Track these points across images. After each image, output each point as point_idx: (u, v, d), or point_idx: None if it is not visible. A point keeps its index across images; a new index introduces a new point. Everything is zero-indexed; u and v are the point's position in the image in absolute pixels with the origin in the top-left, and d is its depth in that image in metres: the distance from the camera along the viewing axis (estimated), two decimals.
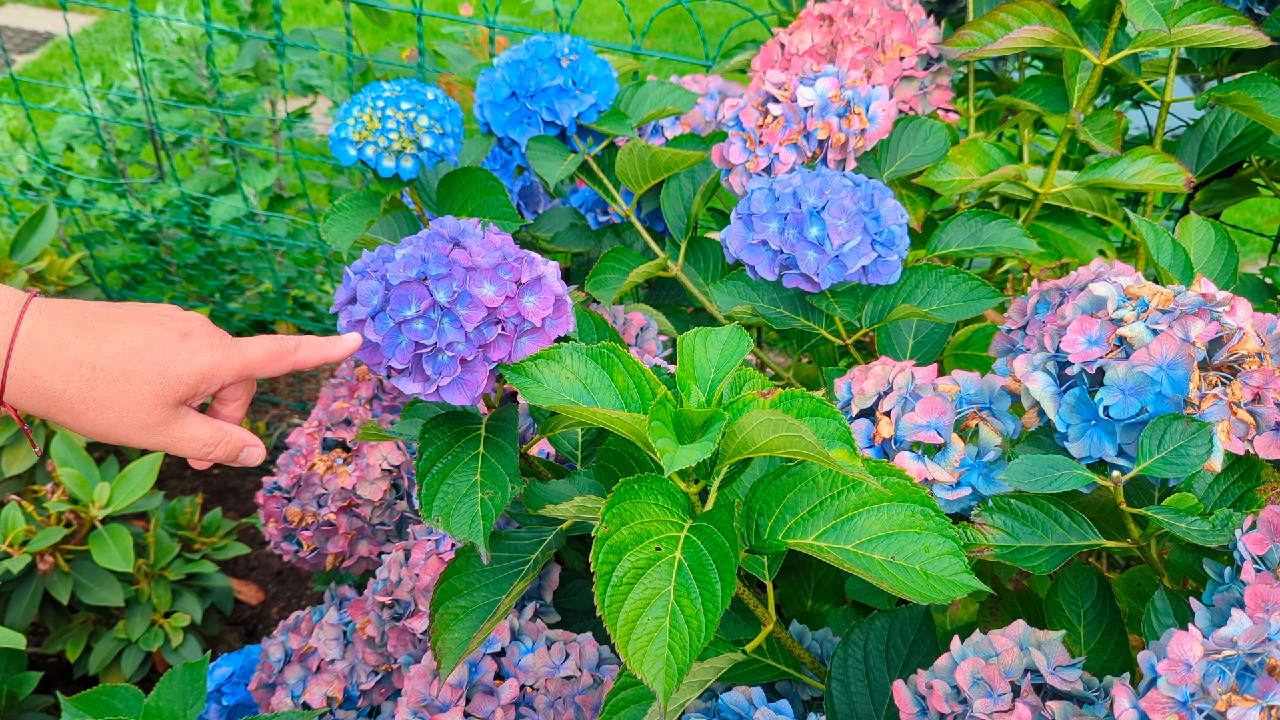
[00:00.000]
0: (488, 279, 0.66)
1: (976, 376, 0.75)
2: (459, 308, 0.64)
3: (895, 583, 0.64)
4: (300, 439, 1.02)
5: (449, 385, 0.65)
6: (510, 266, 0.67)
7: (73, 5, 3.71)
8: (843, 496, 0.67)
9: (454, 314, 0.64)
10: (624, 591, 0.61)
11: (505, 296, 0.66)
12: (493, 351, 0.66)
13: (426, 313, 0.64)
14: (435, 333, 0.64)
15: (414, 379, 0.65)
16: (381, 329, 0.64)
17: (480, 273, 0.66)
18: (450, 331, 0.64)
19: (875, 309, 0.88)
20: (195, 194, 1.71)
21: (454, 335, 0.64)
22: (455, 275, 0.65)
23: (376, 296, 0.65)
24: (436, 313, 0.64)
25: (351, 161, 0.99)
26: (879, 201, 0.83)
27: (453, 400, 0.66)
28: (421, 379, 0.65)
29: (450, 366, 0.65)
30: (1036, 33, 1.01)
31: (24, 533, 1.30)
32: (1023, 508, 0.68)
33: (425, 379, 0.65)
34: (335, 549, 0.99)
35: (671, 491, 0.66)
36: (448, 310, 0.64)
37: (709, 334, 0.69)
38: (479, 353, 0.66)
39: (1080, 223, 1.22)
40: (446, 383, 0.65)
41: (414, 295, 0.64)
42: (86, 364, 0.60)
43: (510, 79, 1.11)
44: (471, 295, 0.65)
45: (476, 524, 0.67)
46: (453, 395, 0.66)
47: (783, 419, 0.59)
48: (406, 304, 0.64)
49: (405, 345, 0.64)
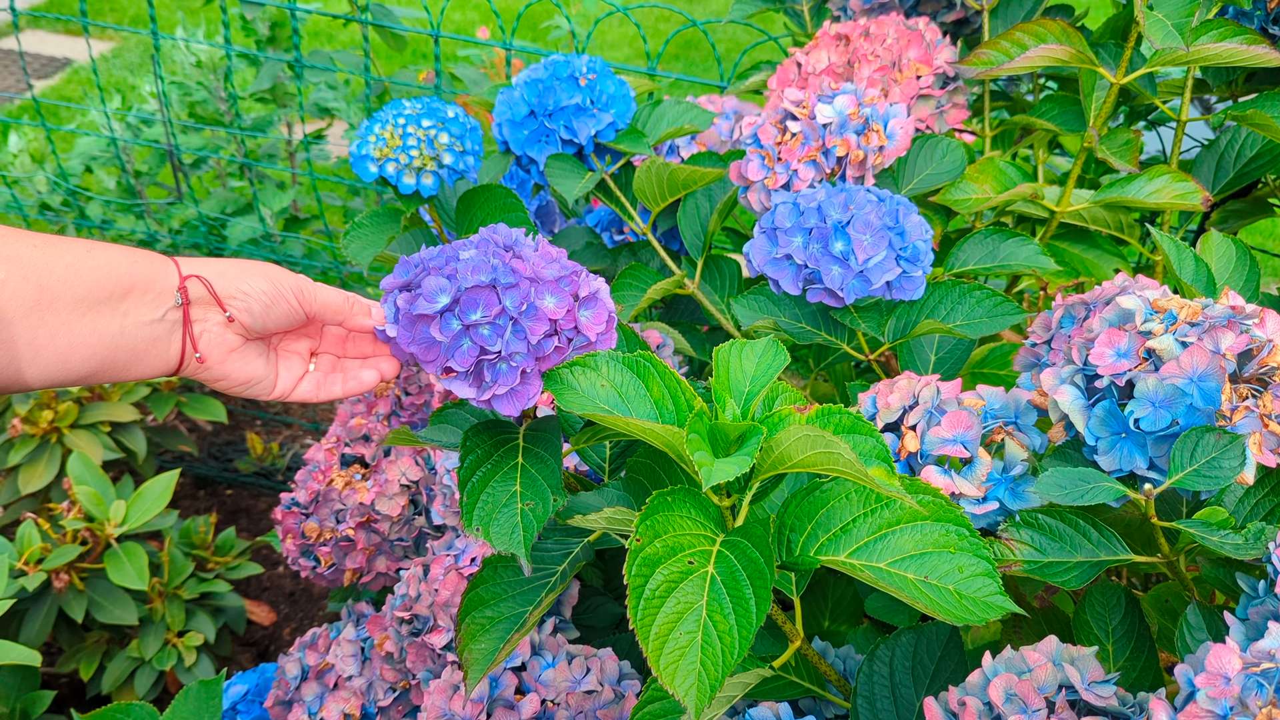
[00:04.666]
0: (550, 291, 0.66)
1: (1001, 391, 0.75)
2: (525, 318, 0.64)
3: (929, 602, 0.63)
4: (319, 455, 1.02)
5: (504, 395, 0.65)
6: (569, 280, 0.67)
7: (93, 31, 3.74)
8: (876, 514, 0.67)
9: (520, 324, 0.64)
10: (656, 605, 0.61)
11: (565, 309, 0.66)
12: (547, 363, 0.66)
13: (495, 319, 0.64)
14: (501, 340, 0.64)
15: (469, 383, 0.65)
16: (447, 329, 0.64)
17: (544, 284, 0.65)
18: (515, 341, 0.64)
19: (898, 324, 0.88)
20: (212, 215, 1.72)
21: (517, 345, 0.64)
22: (522, 285, 0.65)
23: (446, 295, 0.64)
24: (504, 320, 0.64)
25: (372, 178, 1.00)
26: (904, 217, 0.83)
27: (502, 410, 0.66)
28: (477, 384, 0.65)
29: (509, 376, 0.65)
30: (1053, 51, 1.01)
31: (40, 550, 1.30)
32: (1050, 523, 0.68)
33: (480, 385, 0.65)
34: (353, 565, 0.98)
35: (704, 505, 0.66)
36: (515, 320, 0.64)
37: (744, 346, 0.69)
38: (535, 365, 0.66)
39: (1096, 241, 1.23)
40: (502, 391, 0.65)
41: (483, 300, 0.64)
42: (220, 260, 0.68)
43: (529, 97, 1.11)
44: (537, 306, 0.65)
45: (517, 534, 0.67)
46: (503, 405, 0.66)
47: (820, 435, 0.59)
48: (475, 308, 0.64)
49: (468, 349, 0.64)
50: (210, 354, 0.67)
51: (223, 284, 0.67)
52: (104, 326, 0.63)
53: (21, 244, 0.60)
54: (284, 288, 0.69)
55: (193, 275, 0.66)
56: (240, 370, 0.69)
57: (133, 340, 0.64)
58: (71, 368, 0.62)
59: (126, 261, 0.64)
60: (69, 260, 0.62)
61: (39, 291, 0.60)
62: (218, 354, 0.68)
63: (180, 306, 0.65)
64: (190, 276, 0.66)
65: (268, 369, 0.71)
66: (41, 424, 1.44)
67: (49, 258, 0.61)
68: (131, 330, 0.64)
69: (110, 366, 0.64)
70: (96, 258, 0.63)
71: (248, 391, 0.71)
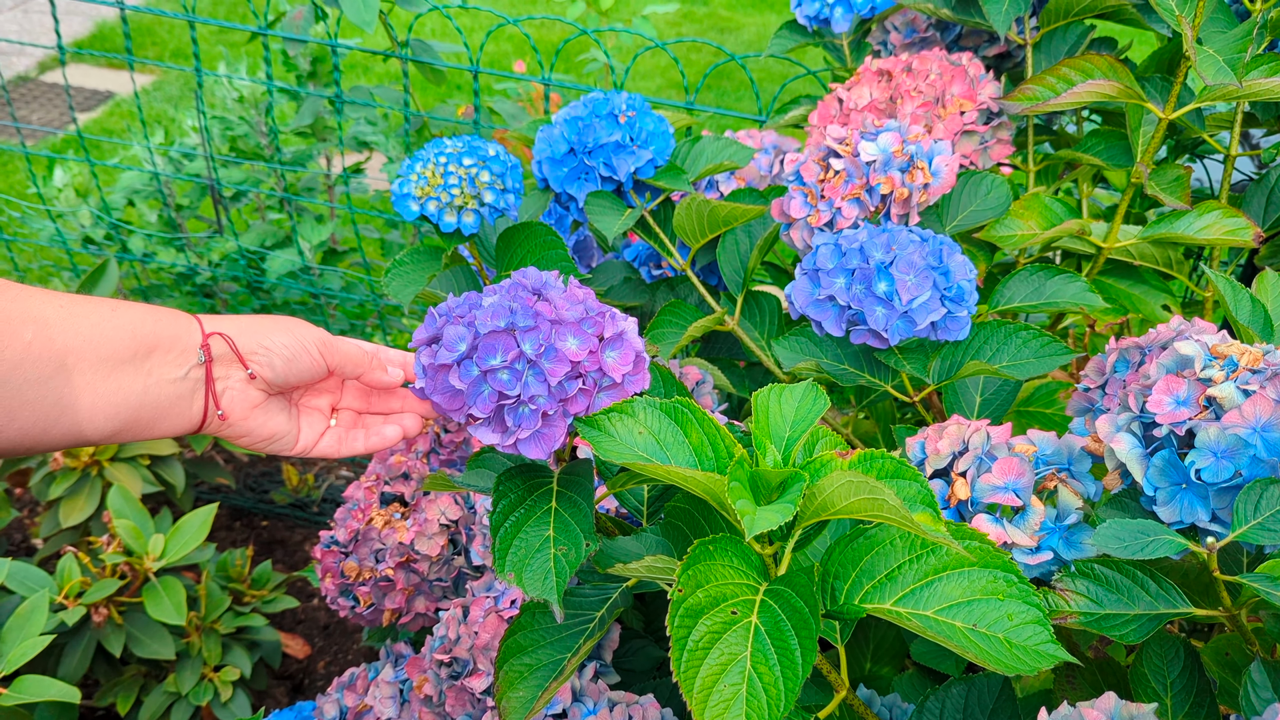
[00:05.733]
0: (572, 333, 0.65)
1: (1053, 436, 0.73)
2: (544, 360, 0.64)
3: (979, 651, 0.62)
4: (358, 493, 1.02)
5: (528, 438, 0.65)
6: (594, 321, 0.66)
7: (135, 65, 3.81)
8: (921, 560, 0.66)
9: (539, 366, 0.64)
10: (700, 656, 0.59)
11: (588, 351, 0.65)
12: (572, 406, 0.66)
13: (512, 363, 0.64)
14: (519, 384, 0.63)
15: (493, 429, 0.65)
16: (466, 376, 0.64)
17: (565, 326, 0.65)
18: (534, 384, 0.64)
19: (943, 365, 0.86)
20: (252, 248, 1.73)
21: (537, 388, 0.64)
22: (541, 327, 0.64)
23: (464, 343, 0.64)
24: (522, 364, 0.64)
25: (414, 217, 1.00)
26: (947, 256, 0.82)
27: (528, 453, 0.65)
28: (501, 429, 0.65)
29: (531, 419, 0.64)
30: (1101, 87, 1.00)
31: (80, 584, 1.31)
32: (1106, 573, 0.66)
33: (504, 430, 0.65)
34: (392, 605, 0.98)
35: (746, 553, 0.65)
36: (533, 362, 0.64)
37: (783, 391, 0.68)
38: (559, 406, 0.65)
39: (1142, 277, 1.21)
40: (526, 435, 0.65)
41: (501, 345, 0.64)
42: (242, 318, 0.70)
43: (569, 135, 1.11)
44: (556, 348, 0.64)
45: (550, 580, 0.66)
46: (529, 448, 0.65)
47: (864, 481, 0.58)
48: (493, 353, 0.64)
49: (488, 395, 0.64)
50: (232, 411, 0.68)
51: (245, 340, 0.67)
52: (128, 386, 0.63)
53: (48, 305, 0.61)
54: (306, 341, 0.70)
55: (215, 333, 0.66)
56: (263, 426, 0.69)
57: (156, 399, 0.65)
58: (96, 427, 0.63)
59: (150, 320, 0.64)
60: (94, 320, 0.62)
61: (64, 352, 0.60)
62: (240, 410, 0.68)
63: (203, 364, 0.66)
64: (213, 334, 0.66)
65: (290, 425, 0.71)
66: (82, 457, 1.45)
67: (75, 318, 0.62)
68: (155, 389, 0.65)
69: (134, 425, 0.64)
70: (121, 318, 0.63)
71: (270, 448, 0.71)
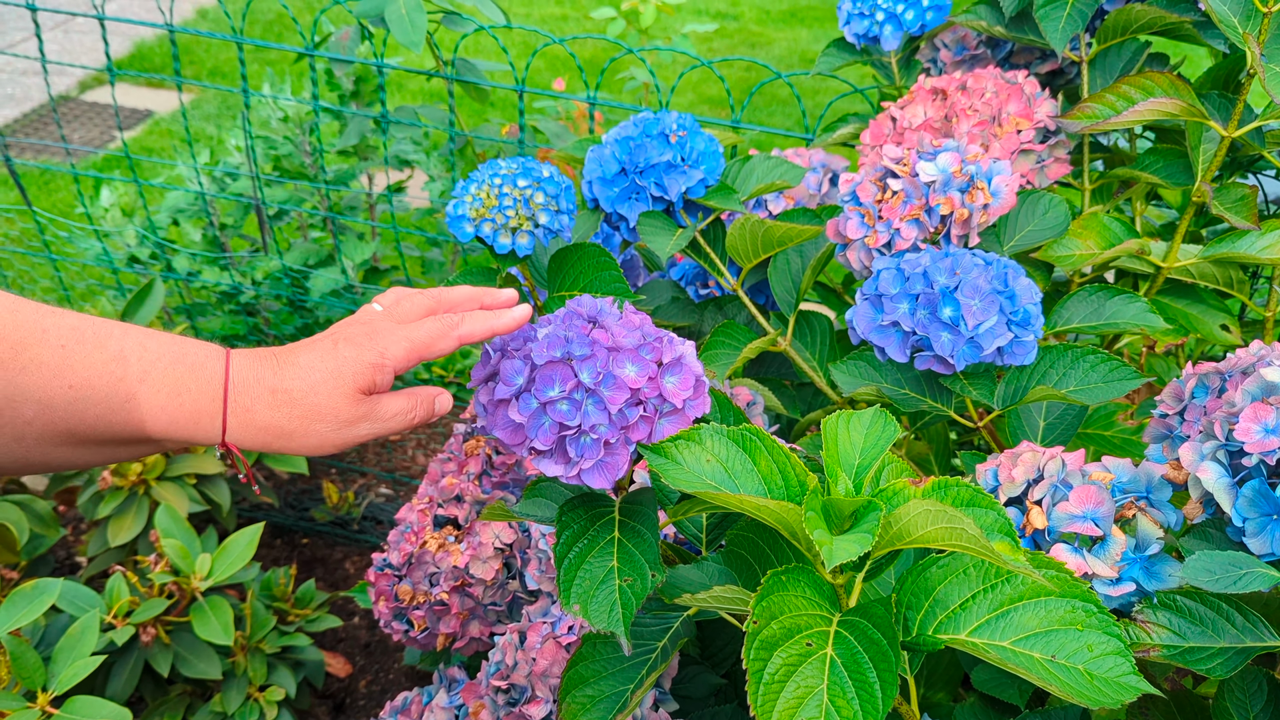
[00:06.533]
0: (630, 359, 0.65)
1: (1129, 464, 0.71)
2: (603, 389, 0.63)
3: (1060, 684, 0.60)
4: (410, 515, 1.02)
5: (591, 468, 0.64)
6: (651, 347, 0.66)
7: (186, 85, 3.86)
8: (996, 590, 0.64)
9: (598, 395, 0.63)
10: (776, 689, 0.58)
11: (648, 377, 0.64)
12: (634, 433, 0.65)
13: (571, 394, 0.63)
14: (579, 414, 0.63)
15: (556, 460, 0.64)
16: (525, 409, 0.63)
17: (623, 353, 0.64)
18: (594, 413, 0.63)
19: (1008, 390, 0.85)
20: (296, 266, 1.74)
21: (597, 417, 0.63)
22: (598, 355, 0.64)
23: (521, 376, 0.64)
24: (581, 394, 0.63)
25: (469, 238, 0.99)
26: (1013, 280, 0.81)
27: (593, 483, 0.65)
28: (564, 460, 0.64)
29: (593, 449, 0.64)
30: (1163, 105, 0.98)
31: (128, 604, 1.31)
32: (1190, 605, 0.65)
33: (567, 460, 0.64)
34: (447, 629, 0.97)
35: (818, 583, 0.64)
36: (592, 391, 0.63)
37: (851, 418, 0.67)
38: (621, 435, 0.64)
39: (1200, 296, 1.18)
40: (589, 465, 0.64)
41: (558, 376, 0.63)
42: (279, 390, 0.65)
43: (620, 155, 1.11)
44: (615, 376, 0.64)
45: (616, 612, 0.65)
46: (593, 478, 0.65)
47: (943, 510, 0.57)
48: (551, 384, 0.63)
49: (549, 426, 0.63)
50: None
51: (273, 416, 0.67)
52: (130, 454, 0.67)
53: (56, 386, 0.61)
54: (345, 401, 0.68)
55: (233, 448, 0.66)
56: None
57: None
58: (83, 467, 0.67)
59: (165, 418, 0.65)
60: (101, 411, 0.64)
61: (66, 435, 0.63)
62: None
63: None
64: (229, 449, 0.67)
65: None
66: (130, 476, 1.46)
67: (80, 405, 0.63)
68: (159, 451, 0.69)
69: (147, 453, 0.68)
70: (132, 413, 0.64)
71: None
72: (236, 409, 0.64)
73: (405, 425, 0.70)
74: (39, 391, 0.60)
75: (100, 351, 0.62)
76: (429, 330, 0.69)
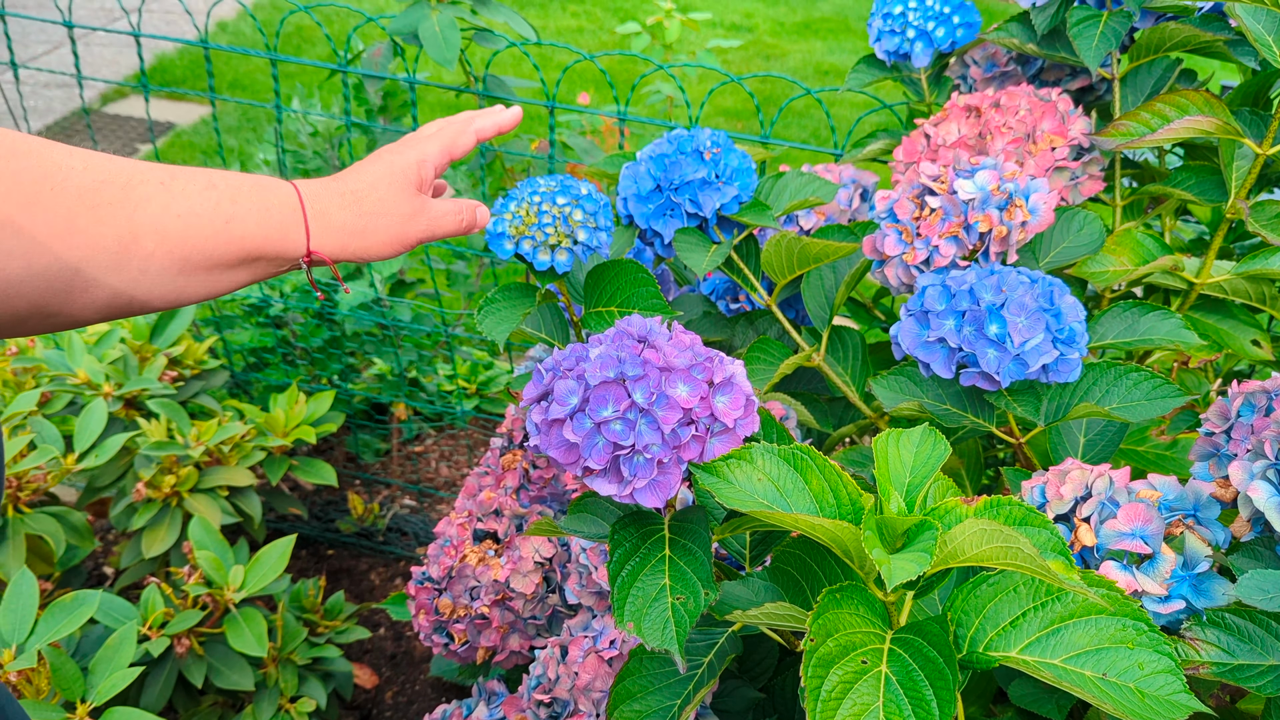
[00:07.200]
0: (682, 379, 0.65)
1: (1175, 481, 0.72)
2: (656, 409, 0.64)
3: (1112, 703, 0.61)
4: (450, 529, 1.03)
5: (644, 487, 0.65)
6: (703, 366, 0.67)
7: (193, 97, 3.88)
8: (1046, 608, 0.65)
9: (651, 415, 0.64)
10: (833, 707, 0.59)
11: (699, 397, 0.65)
12: (686, 452, 0.66)
13: (625, 414, 0.64)
14: (633, 434, 0.64)
15: (610, 480, 0.65)
16: (580, 429, 0.64)
17: (675, 373, 0.65)
18: (648, 433, 0.64)
19: (1051, 407, 0.85)
20: (324, 280, 1.75)
21: (651, 437, 0.64)
22: (651, 376, 0.65)
23: (575, 396, 0.65)
24: (634, 414, 0.64)
25: (508, 255, 1.00)
26: (1058, 298, 0.81)
27: (645, 502, 0.65)
28: (617, 480, 0.65)
29: (646, 468, 0.64)
30: (1198, 123, 0.99)
31: (163, 615, 1.32)
32: (1239, 623, 0.65)
33: (620, 480, 0.65)
34: (487, 643, 0.98)
35: (870, 601, 0.64)
36: (646, 411, 0.64)
37: (900, 436, 0.68)
38: (673, 454, 0.65)
39: (1231, 311, 1.19)
40: (642, 484, 0.65)
41: (612, 396, 0.64)
42: (346, 192, 0.76)
43: (654, 172, 1.12)
44: (668, 396, 0.64)
45: (669, 630, 0.66)
46: (646, 497, 0.65)
47: (998, 529, 0.58)
48: (605, 404, 0.64)
49: (603, 446, 0.64)
50: None
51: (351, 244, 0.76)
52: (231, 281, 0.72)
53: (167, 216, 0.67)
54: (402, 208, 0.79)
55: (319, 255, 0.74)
56: None
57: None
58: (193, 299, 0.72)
59: (260, 232, 0.71)
60: (208, 233, 0.68)
61: (182, 262, 0.68)
62: None
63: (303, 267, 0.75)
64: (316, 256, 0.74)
65: None
66: (164, 488, 1.47)
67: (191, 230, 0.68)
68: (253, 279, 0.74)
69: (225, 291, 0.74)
70: (233, 231, 0.70)
71: None
72: (314, 214, 0.73)
73: (454, 226, 0.83)
74: (154, 222, 0.66)
75: (194, 182, 0.69)
76: (453, 128, 0.84)
